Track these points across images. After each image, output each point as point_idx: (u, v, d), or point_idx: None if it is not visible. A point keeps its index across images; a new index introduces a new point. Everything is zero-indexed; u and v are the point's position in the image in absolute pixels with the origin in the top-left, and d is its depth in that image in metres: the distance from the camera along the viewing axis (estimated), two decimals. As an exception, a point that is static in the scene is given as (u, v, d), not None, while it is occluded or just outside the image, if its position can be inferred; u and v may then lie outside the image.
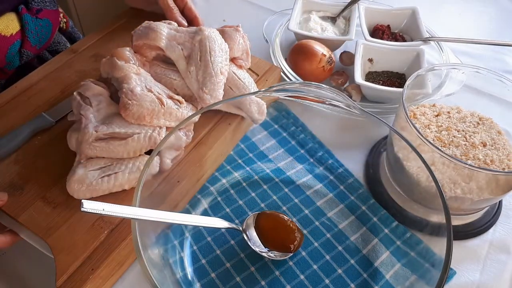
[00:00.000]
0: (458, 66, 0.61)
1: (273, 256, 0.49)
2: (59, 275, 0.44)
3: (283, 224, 0.50)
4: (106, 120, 0.51)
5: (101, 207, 0.37)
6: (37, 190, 0.51)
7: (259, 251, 0.49)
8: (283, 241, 0.49)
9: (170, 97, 0.54)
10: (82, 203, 0.36)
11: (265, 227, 0.50)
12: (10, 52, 0.67)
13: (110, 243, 0.47)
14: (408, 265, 0.49)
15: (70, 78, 0.64)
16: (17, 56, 0.68)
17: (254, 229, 0.50)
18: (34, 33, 0.68)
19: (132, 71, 0.53)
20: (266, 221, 0.50)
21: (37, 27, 0.68)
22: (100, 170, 0.49)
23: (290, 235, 0.49)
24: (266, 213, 0.51)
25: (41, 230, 0.47)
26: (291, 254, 0.49)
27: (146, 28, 0.58)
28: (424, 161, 0.44)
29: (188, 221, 0.48)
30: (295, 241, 0.49)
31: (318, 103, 0.62)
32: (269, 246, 0.49)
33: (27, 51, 0.68)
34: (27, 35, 0.67)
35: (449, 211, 0.41)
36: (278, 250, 0.49)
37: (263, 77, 0.67)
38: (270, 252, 0.49)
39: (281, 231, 0.50)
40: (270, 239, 0.49)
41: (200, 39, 0.57)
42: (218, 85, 0.55)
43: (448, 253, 0.39)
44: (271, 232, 0.50)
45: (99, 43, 0.71)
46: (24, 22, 0.66)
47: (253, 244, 0.49)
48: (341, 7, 0.78)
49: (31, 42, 0.68)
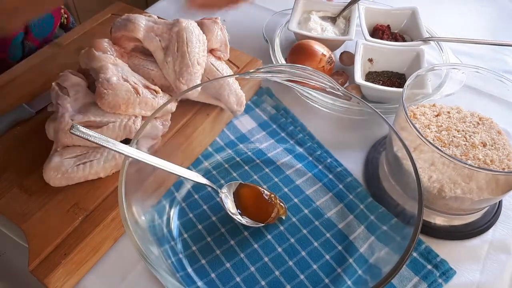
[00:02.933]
0: (458, 66, 0.61)
1: (244, 221, 0.50)
2: (31, 260, 0.45)
3: (261, 194, 0.52)
4: (83, 110, 0.52)
5: (89, 133, 0.40)
6: (14, 178, 0.52)
7: (231, 214, 0.50)
8: (260, 210, 0.51)
9: (146, 87, 0.55)
10: (71, 126, 0.39)
11: (244, 194, 0.52)
12: (14, 43, 0.69)
13: (84, 229, 0.48)
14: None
15: (53, 71, 0.64)
16: (20, 48, 0.71)
17: (233, 194, 0.53)
18: (37, 26, 0.71)
19: (109, 62, 0.55)
20: (247, 190, 0.53)
21: (40, 20, 0.71)
22: (76, 158, 0.50)
23: (269, 206, 0.51)
24: (248, 184, 0.54)
25: (16, 216, 0.48)
26: (263, 224, 0.51)
27: (124, 20, 0.59)
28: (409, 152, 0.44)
29: (172, 169, 0.47)
30: (271, 213, 0.50)
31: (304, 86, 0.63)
32: (246, 214, 0.51)
33: (29, 43, 0.71)
34: (30, 28, 0.70)
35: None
36: (253, 218, 0.51)
37: (243, 69, 0.68)
38: (242, 217, 0.51)
39: (259, 200, 0.51)
40: (247, 206, 0.51)
41: (177, 31, 0.58)
42: (195, 75, 0.56)
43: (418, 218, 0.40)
44: (249, 200, 0.52)
45: (83, 37, 0.72)
46: None
47: (227, 207, 0.51)
48: (341, 7, 0.78)
49: (34, 34, 0.71)
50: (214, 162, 0.59)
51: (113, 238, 0.50)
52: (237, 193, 0.53)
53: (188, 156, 0.58)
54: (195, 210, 0.53)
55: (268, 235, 0.51)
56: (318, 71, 0.54)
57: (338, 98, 0.61)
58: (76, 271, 0.47)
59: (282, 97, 0.68)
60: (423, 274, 0.48)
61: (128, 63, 0.58)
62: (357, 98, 0.54)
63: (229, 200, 0.52)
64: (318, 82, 0.53)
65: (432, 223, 0.53)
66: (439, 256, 0.50)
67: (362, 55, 0.69)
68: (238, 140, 0.62)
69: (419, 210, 0.41)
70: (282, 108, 0.66)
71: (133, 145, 0.45)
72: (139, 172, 0.46)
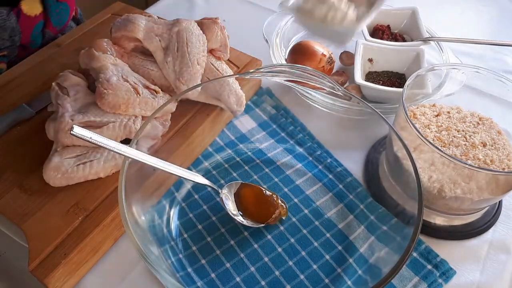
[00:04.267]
0: (458, 66, 0.61)
1: (245, 223, 0.50)
2: (31, 260, 0.45)
3: (263, 194, 0.52)
4: (83, 110, 0.52)
5: (89, 135, 0.40)
6: (14, 178, 0.52)
7: (232, 215, 0.50)
8: (261, 210, 0.51)
9: (146, 87, 0.55)
10: (72, 128, 0.39)
11: (245, 194, 0.52)
12: (35, 31, 0.71)
13: (84, 229, 0.48)
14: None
15: (53, 71, 0.64)
16: (40, 36, 0.74)
17: (234, 195, 0.53)
18: (55, 14, 0.73)
19: (109, 62, 0.55)
20: (248, 190, 0.53)
21: (58, 9, 0.73)
22: (76, 158, 0.50)
23: (270, 207, 0.51)
24: (250, 184, 0.54)
25: (16, 216, 0.48)
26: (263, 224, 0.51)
27: (124, 20, 0.59)
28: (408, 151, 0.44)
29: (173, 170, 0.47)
30: (273, 214, 0.50)
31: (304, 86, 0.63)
32: (247, 214, 0.51)
33: (49, 31, 0.74)
34: (50, 16, 0.72)
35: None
36: (255, 219, 0.51)
37: (243, 69, 0.68)
38: (243, 218, 0.51)
39: (261, 201, 0.51)
40: (249, 206, 0.51)
41: (177, 31, 0.58)
42: (195, 75, 0.57)
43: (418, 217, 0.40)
44: (251, 200, 0.52)
45: (83, 37, 0.72)
46: (46, 5, 0.71)
47: (228, 208, 0.51)
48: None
49: (53, 23, 0.73)
50: (214, 162, 0.59)
51: (113, 238, 0.50)
52: (238, 194, 0.53)
53: (188, 156, 0.58)
54: (195, 210, 0.53)
55: (268, 235, 0.51)
56: (318, 71, 0.54)
57: (338, 98, 0.61)
58: (76, 271, 0.47)
59: (282, 97, 0.68)
60: (423, 274, 0.48)
61: (128, 63, 0.58)
62: (357, 98, 0.54)
63: (230, 201, 0.52)
64: (318, 82, 0.53)
65: (432, 223, 0.53)
66: (439, 256, 0.50)
67: (362, 55, 0.69)
68: (238, 140, 0.62)
69: (419, 210, 0.41)
70: (282, 108, 0.66)
71: (133, 145, 0.45)
72: (139, 172, 0.46)
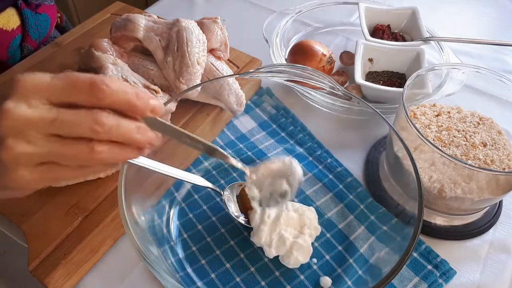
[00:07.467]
0: (458, 66, 0.61)
1: (247, 224, 0.50)
2: (31, 260, 0.45)
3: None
4: None
5: None
6: None
7: (235, 217, 0.50)
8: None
9: (146, 87, 0.55)
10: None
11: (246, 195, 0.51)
12: (12, 46, 0.69)
13: (84, 229, 0.48)
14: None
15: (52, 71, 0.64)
16: (19, 50, 0.71)
17: (236, 196, 0.52)
18: (34, 27, 0.70)
19: (108, 62, 0.55)
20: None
21: (37, 21, 0.70)
22: None
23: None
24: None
25: (16, 216, 0.48)
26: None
27: (124, 20, 0.59)
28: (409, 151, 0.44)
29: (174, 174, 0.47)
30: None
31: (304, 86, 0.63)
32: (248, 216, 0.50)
33: (27, 45, 0.71)
34: (28, 30, 0.69)
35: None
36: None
37: (243, 69, 0.68)
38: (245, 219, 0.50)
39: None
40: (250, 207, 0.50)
41: (177, 30, 0.58)
42: (195, 75, 0.56)
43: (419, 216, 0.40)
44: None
45: (83, 37, 0.72)
46: (24, 17, 0.69)
47: (230, 210, 0.51)
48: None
49: (31, 36, 0.70)
50: (214, 162, 0.59)
51: (113, 238, 0.50)
52: (239, 194, 0.53)
53: (188, 156, 0.58)
54: (195, 210, 0.53)
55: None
56: (318, 71, 0.54)
57: (338, 98, 0.61)
58: (76, 271, 0.47)
59: (282, 97, 0.68)
60: (423, 274, 0.48)
61: (128, 63, 0.58)
62: (357, 98, 0.54)
63: (232, 203, 0.52)
64: (318, 82, 0.53)
65: (433, 223, 0.53)
66: (440, 256, 0.50)
67: (362, 55, 0.69)
68: (238, 140, 0.62)
69: (420, 210, 0.41)
70: (282, 108, 0.66)
71: None
72: (139, 172, 0.46)
